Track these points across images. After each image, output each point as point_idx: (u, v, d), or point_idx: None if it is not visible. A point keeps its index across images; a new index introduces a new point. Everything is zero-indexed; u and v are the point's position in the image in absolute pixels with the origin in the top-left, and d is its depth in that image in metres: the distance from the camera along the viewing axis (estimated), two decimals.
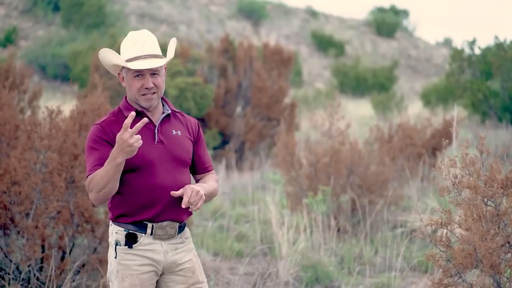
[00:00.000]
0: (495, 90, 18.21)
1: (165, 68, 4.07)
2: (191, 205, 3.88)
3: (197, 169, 4.21)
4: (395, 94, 27.42)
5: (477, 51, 19.48)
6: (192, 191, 3.87)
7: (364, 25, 49.95)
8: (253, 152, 14.83)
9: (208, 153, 4.30)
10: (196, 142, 4.17)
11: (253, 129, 14.93)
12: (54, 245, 6.19)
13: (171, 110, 4.12)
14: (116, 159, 3.72)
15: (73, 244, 6.37)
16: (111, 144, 3.87)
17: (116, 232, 3.98)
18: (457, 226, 4.25)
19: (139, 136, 3.71)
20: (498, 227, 4.16)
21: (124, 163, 3.77)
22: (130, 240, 3.94)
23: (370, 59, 41.92)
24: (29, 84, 12.07)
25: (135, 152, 3.73)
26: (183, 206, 3.85)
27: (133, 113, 3.71)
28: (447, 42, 50.56)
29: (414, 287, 7.20)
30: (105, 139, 3.91)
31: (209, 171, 4.26)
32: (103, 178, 3.77)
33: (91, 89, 13.48)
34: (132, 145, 3.67)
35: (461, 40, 37.05)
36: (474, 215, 4.13)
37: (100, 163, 3.85)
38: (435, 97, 26.20)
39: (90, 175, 3.84)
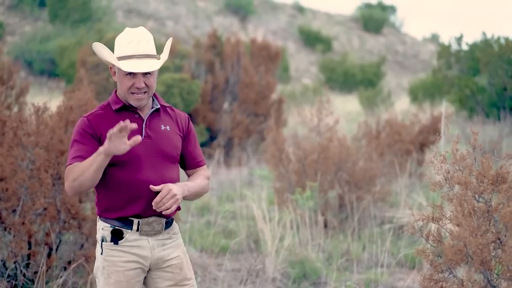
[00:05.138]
0: (482, 86, 18.20)
1: None
2: (161, 207, 3.81)
3: (188, 164, 4.16)
4: (382, 89, 27.46)
5: (464, 47, 19.49)
6: (169, 192, 3.81)
7: (352, 21, 49.98)
8: (240, 148, 14.82)
9: (200, 148, 4.23)
10: (185, 137, 4.11)
11: (240, 125, 14.91)
12: (41, 242, 6.16)
13: (161, 105, 4.08)
14: (99, 151, 3.68)
15: (60, 241, 6.34)
16: (95, 138, 3.86)
17: (102, 228, 3.95)
18: (448, 221, 4.24)
19: (125, 140, 3.64)
20: (489, 224, 4.14)
21: (108, 159, 3.70)
22: (116, 236, 3.91)
23: (357, 55, 41.96)
24: (16, 80, 12.02)
25: (118, 152, 3.66)
26: (153, 205, 3.81)
27: (126, 123, 3.62)
28: (434, 38, 50.67)
29: (402, 283, 7.20)
30: (89, 133, 3.87)
31: (200, 166, 4.20)
32: (82, 168, 3.72)
33: (77, 85, 13.43)
34: (116, 146, 3.63)
35: (448, 36, 37.09)
36: (465, 211, 4.11)
37: (79, 156, 3.81)
38: (422, 93, 26.24)
39: (70, 165, 3.80)
